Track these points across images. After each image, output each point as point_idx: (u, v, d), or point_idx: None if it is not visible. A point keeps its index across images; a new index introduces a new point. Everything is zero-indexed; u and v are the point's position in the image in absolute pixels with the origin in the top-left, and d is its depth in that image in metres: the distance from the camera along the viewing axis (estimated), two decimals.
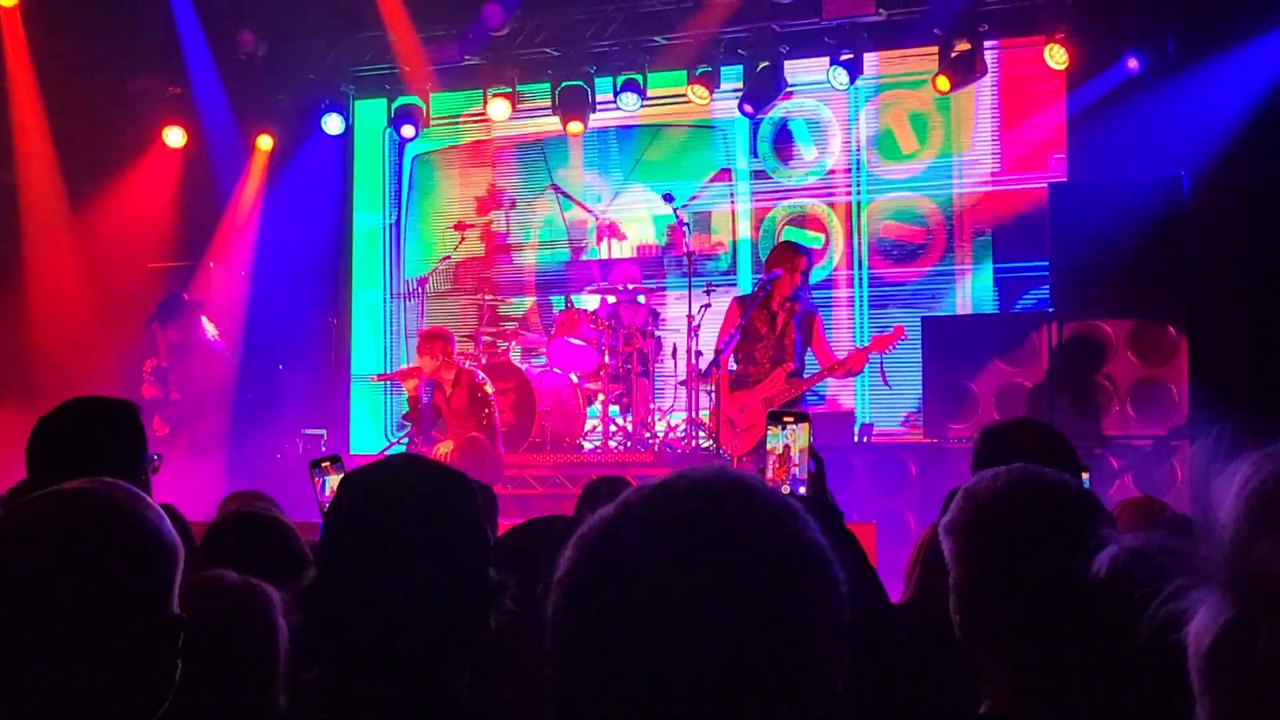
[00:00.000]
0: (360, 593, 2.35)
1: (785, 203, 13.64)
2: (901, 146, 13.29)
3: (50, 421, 3.85)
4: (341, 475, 4.07)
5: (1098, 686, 2.38)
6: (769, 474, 3.38)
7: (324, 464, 4.15)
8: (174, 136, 14.13)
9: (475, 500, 2.48)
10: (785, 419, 3.40)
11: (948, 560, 2.53)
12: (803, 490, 3.38)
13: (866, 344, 10.12)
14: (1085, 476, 4.40)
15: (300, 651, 2.50)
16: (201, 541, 4.01)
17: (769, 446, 3.38)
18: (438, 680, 2.36)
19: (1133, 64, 11.46)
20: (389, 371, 12.13)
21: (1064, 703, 2.39)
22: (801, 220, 13.59)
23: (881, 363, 10.33)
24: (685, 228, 12.33)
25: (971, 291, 12.84)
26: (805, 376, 10.12)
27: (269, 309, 14.23)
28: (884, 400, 12.50)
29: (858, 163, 13.41)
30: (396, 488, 2.44)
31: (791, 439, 3.37)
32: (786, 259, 10.02)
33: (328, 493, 4.19)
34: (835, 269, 13.38)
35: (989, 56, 12.39)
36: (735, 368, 10.20)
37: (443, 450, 11.01)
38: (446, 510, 2.43)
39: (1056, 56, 11.86)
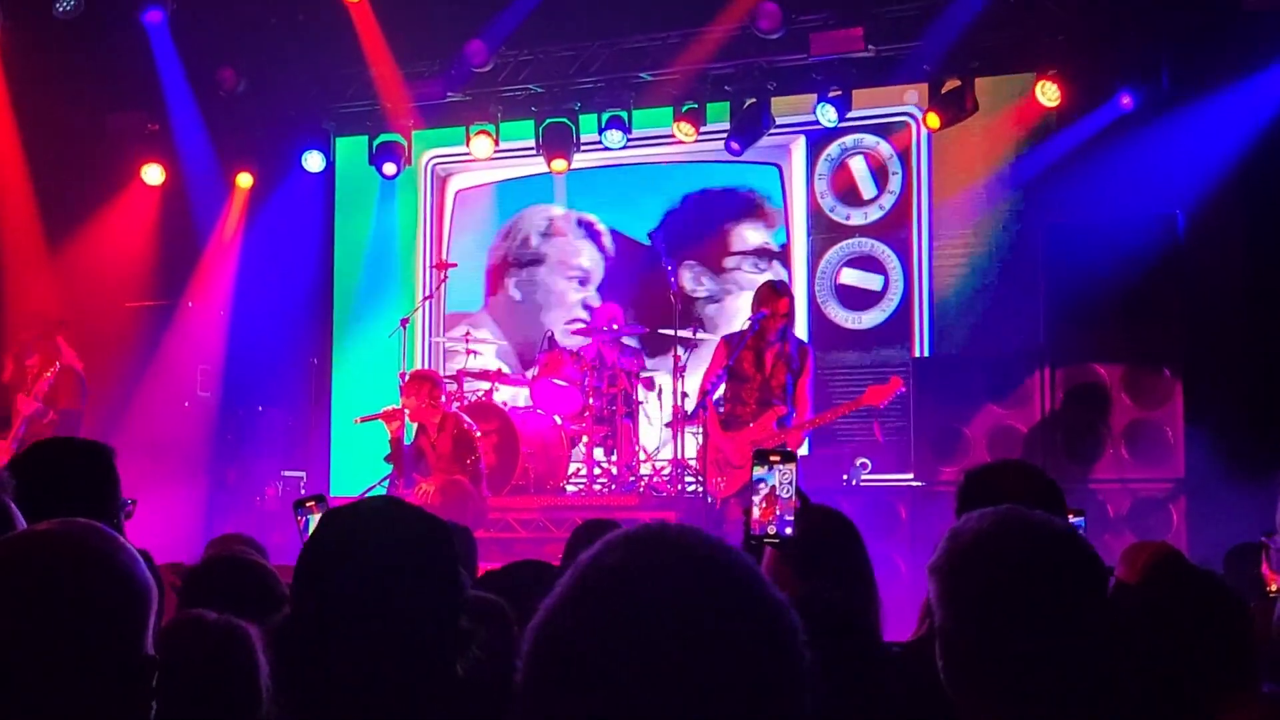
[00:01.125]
0: (330, 633, 2.35)
1: (844, 242, 13.57)
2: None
3: (21, 461, 3.85)
4: None
5: None
6: (756, 513, 3.37)
7: (308, 504, 4.16)
8: (153, 174, 14.11)
9: (451, 546, 2.47)
10: (771, 458, 3.39)
11: (932, 602, 2.50)
12: (789, 530, 3.36)
13: (861, 394, 10.06)
14: (1080, 519, 4.38)
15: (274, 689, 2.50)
16: (183, 585, 4.00)
17: (755, 485, 3.36)
18: (405, 712, 2.36)
19: (1126, 100, 11.47)
20: (371, 414, 12.04)
21: None
22: (861, 261, 13.55)
23: (876, 418, 10.30)
24: (670, 267, 12.31)
25: None
26: (795, 425, 10.05)
27: (249, 349, 14.25)
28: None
29: (920, 198, 13.32)
30: (373, 529, 2.44)
31: (778, 478, 3.36)
32: (770, 300, 10.00)
33: (310, 531, 4.19)
34: (896, 312, 13.31)
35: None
36: (723, 408, 10.17)
37: (425, 489, 10.97)
38: (422, 554, 2.43)
39: (1049, 93, 11.88)
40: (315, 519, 4.15)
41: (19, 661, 1.99)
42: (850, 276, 13.46)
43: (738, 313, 13.00)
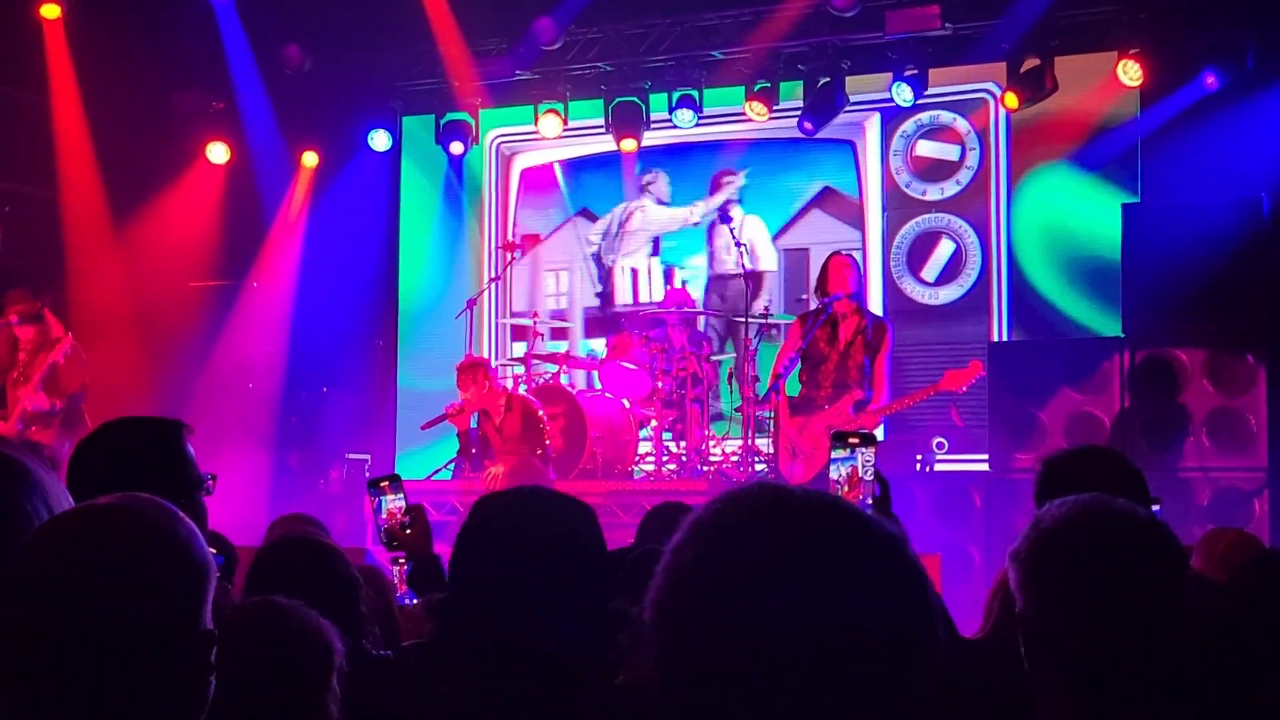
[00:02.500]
0: (494, 608, 2.53)
1: (920, 217, 13.54)
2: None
3: (89, 443, 3.84)
4: (400, 496, 4.19)
5: None
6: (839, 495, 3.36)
7: (382, 484, 4.20)
8: (218, 153, 14.23)
9: (598, 528, 2.65)
10: (850, 440, 3.39)
11: (1013, 590, 2.52)
12: None
13: (939, 380, 9.97)
14: (1156, 507, 4.35)
15: (436, 665, 2.72)
16: (250, 566, 4.03)
17: (833, 469, 3.36)
18: (568, 692, 2.52)
19: (1210, 80, 11.36)
20: (435, 417, 12.08)
21: None
22: (936, 235, 13.49)
23: (955, 401, 10.20)
24: (742, 247, 12.29)
25: None
26: (872, 410, 9.97)
27: (313, 330, 14.33)
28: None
29: (998, 175, 13.27)
30: (531, 513, 2.61)
31: (860, 461, 3.36)
32: (838, 273, 9.93)
33: (384, 514, 4.26)
34: (973, 288, 13.29)
35: None
36: (798, 391, 10.12)
37: (495, 473, 11.01)
38: (578, 537, 2.60)
39: (1130, 73, 11.78)
40: (389, 499, 4.21)
41: (78, 635, 2.03)
42: (922, 248, 13.44)
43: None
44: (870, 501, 3.36)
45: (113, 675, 2.03)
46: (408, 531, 4.26)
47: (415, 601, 4.47)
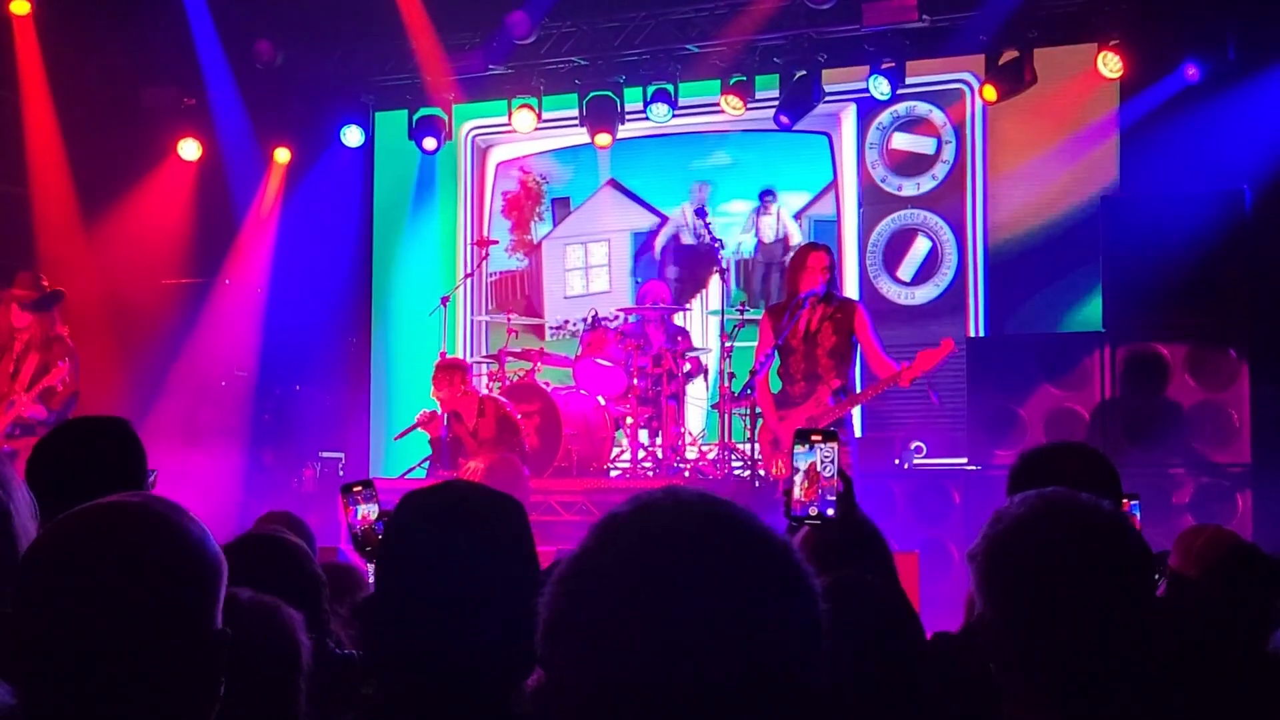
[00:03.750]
0: (416, 610, 2.49)
1: (896, 214, 13.53)
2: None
3: (45, 445, 3.93)
4: (373, 503, 4.22)
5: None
6: (797, 493, 3.36)
7: (355, 489, 4.21)
8: (189, 149, 14.16)
9: (528, 525, 2.62)
10: (813, 437, 3.40)
11: (973, 590, 2.48)
12: (830, 512, 3.36)
13: (913, 360, 9.92)
14: (1135, 504, 4.34)
15: (359, 667, 2.68)
16: None
17: (795, 465, 3.37)
18: (493, 696, 2.49)
19: (1191, 72, 11.37)
20: (407, 427, 12.06)
21: None
22: (911, 233, 13.49)
23: (929, 380, 10.14)
24: (719, 243, 12.28)
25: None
26: (851, 394, 9.89)
27: (286, 327, 14.30)
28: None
29: (975, 169, 13.27)
30: (457, 510, 2.58)
31: (819, 457, 3.36)
32: (815, 262, 9.82)
33: (359, 518, 4.27)
34: (950, 287, 13.29)
35: None
36: (779, 386, 10.08)
37: (473, 467, 10.98)
38: (504, 535, 2.56)
39: (1110, 64, 11.78)
40: (364, 508, 4.23)
41: (89, 634, 2.02)
42: (897, 248, 13.43)
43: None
44: (833, 498, 3.35)
45: (125, 675, 2.02)
46: (380, 537, 4.24)
47: None
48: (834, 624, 1.62)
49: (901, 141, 13.50)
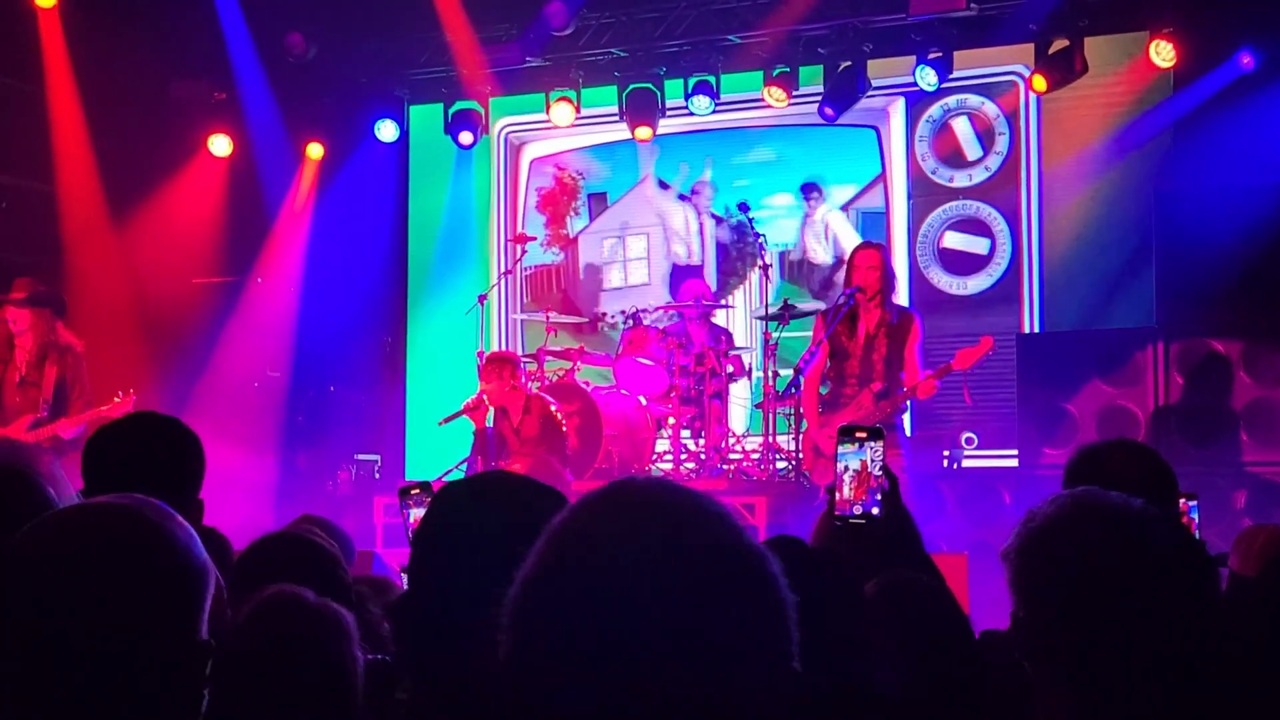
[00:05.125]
0: (450, 609, 2.41)
1: (947, 205, 13.58)
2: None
3: (101, 436, 3.95)
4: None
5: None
6: (844, 493, 3.39)
7: (413, 491, 4.21)
8: (220, 145, 14.21)
9: None
10: (858, 434, 3.41)
11: (1007, 588, 2.53)
12: (876, 511, 3.39)
13: (951, 360, 9.97)
14: (1193, 504, 4.37)
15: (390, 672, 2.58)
16: (236, 563, 4.04)
17: (840, 464, 3.39)
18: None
19: (1246, 60, 11.35)
20: (453, 412, 12.03)
21: None
22: (966, 224, 13.53)
23: (966, 379, 10.19)
24: (762, 238, 12.30)
25: None
26: (892, 398, 9.96)
27: (320, 327, 14.33)
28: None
29: (1029, 160, 13.28)
30: (490, 504, 2.49)
31: (869, 455, 3.38)
32: (862, 260, 9.95)
33: (412, 521, 4.24)
34: (1003, 278, 13.32)
35: None
36: (827, 388, 10.14)
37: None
38: (543, 525, 2.46)
39: (1163, 54, 11.76)
40: (416, 511, 4.18)
41: (63, 641, 1.99)
42: (954, 240, 13.46)
43: (835, 285, 13.03)
44: (879, 497, 3.39)
45: (100, 685, 2.00)
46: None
47: None
48: (895, 626, 1.63)
49: (949, 137, 13.51)
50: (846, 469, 3.40)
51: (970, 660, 3.01)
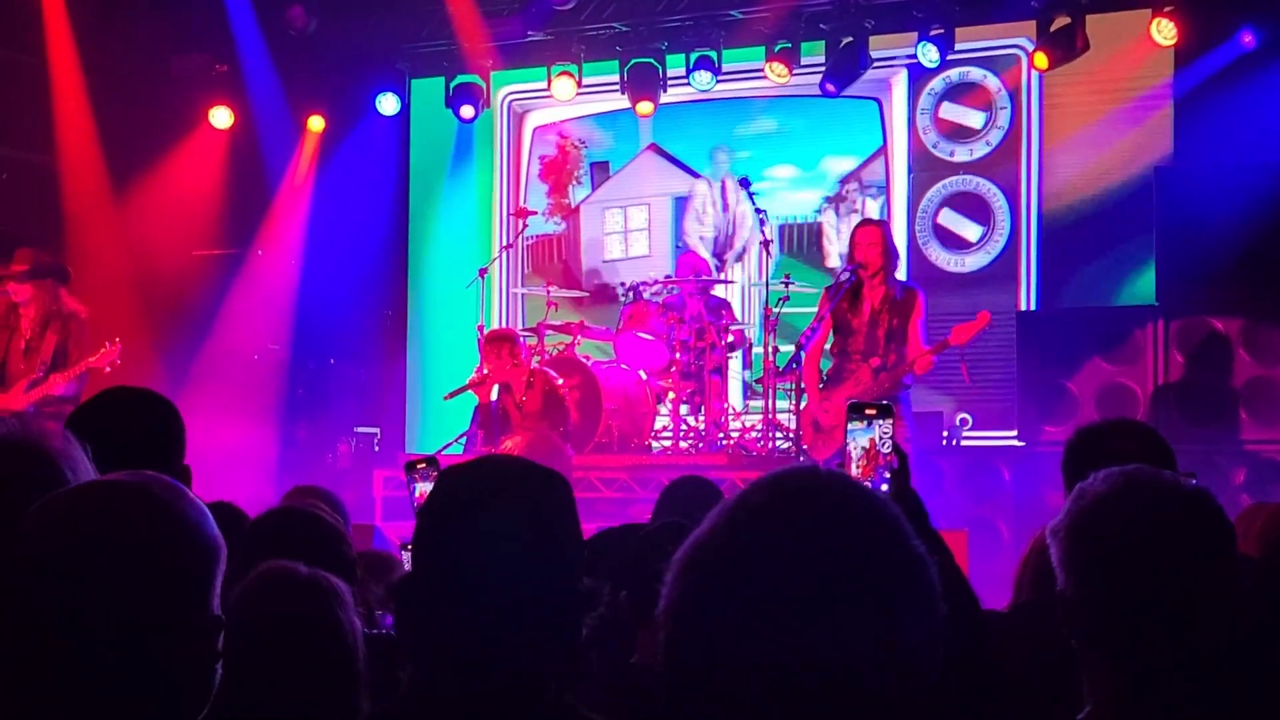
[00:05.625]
0: (452, 592, 2.43)
1: (945, 180, 13.54)
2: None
3: (82, 412, 3.89)
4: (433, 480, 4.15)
5: (1209, 699, 2.39)
6: (852, 470, 3.36)
7: (419, 466, 4.21)
8: (221, 117, 14.17)
9: (572, 503, 2.55)
10: (868, 411, 3.39)
11: (1055, 566, 2.53)
12: (885, 489, 3.37)
13: (947, 335, 9.97)
14: (1192, 482, 4.36)
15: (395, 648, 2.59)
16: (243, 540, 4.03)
17: (849, 441, 3.37)
18: (530, 681, 2.43)
19: (1248, 39, 11.32)
20: (458, 387, 12.02)
21: (1169, 713, 2.40)
22: (962, 200, 13.50)
23: (963, 355, 10.18)
24: (763, 214, 12.26)
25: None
26: (889, 370, 9.95)
27: (320, 300, 14.31)
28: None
29: (1029, 136, 13.25)
30: (495, 486, 2.51)
31: (878, 433, 3.37)
32: (863, 237, 9.95)
33: (418, 496, 4.21)
34: (1001, 255, 13.30)
35: None
36: (830, 364, 10.14)
37: (510, 445, 10.99)
38: (546, 511, 2.49)
39: (1164, 31, 11.72)
40: (421, 485, 4.14)
41: (75, 617, 2.01)
42: (948, 219, 13.41)
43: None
44: (888, 475, 3.37)
45: (111, 661, 2.01)
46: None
47: None
48: None
49: (950, 112, 13.48)
50: (855, 446, 3.38)
51: (981, 636, 3.02)
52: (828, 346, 10.15)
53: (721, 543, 1.61)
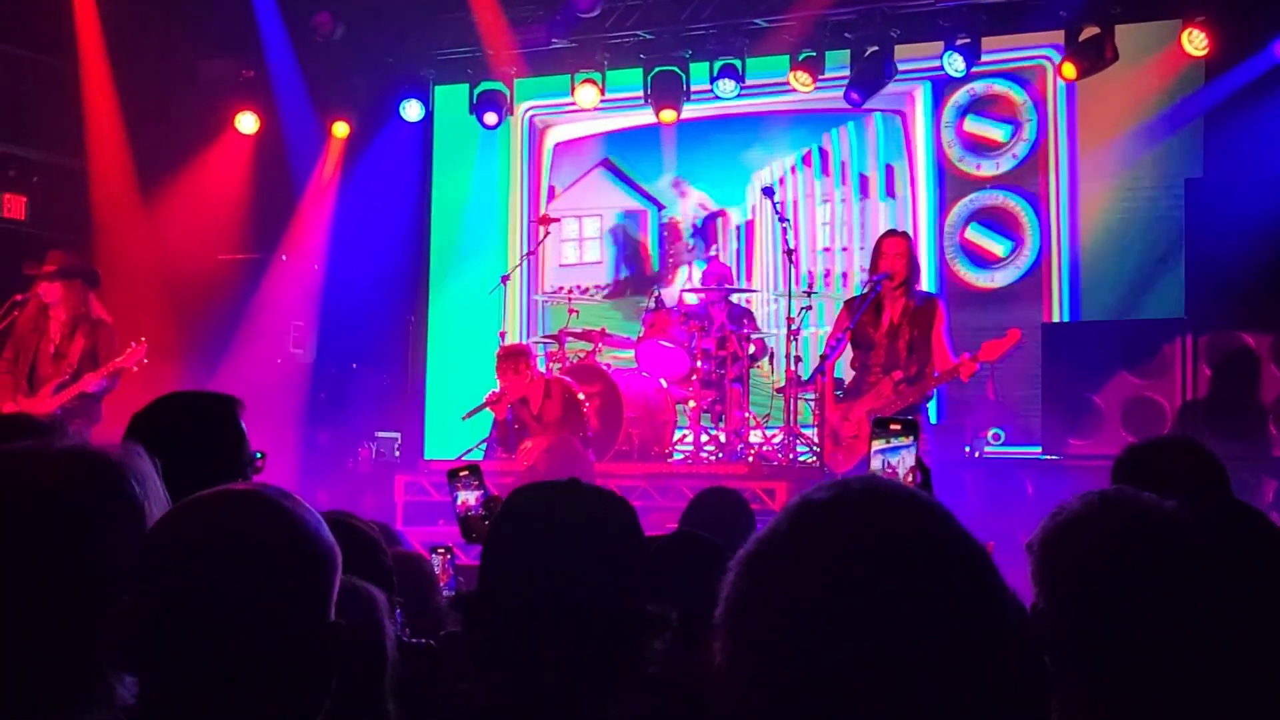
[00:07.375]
0: (521, 605, 2.50)
1: (971, 195, 13.27)
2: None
3: (145, 416, 3.87)
4: (478, 488, 4.38)
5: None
6: None
7: (461, 474, 4.27)
8: (247, 122, 14.10)
9: (638, 529, 2.63)
10: (892, 426, 3.30)
11: (1031, 581, 2.45)
12: None
13: (978, 350, 9.73)
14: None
15: (460, 661, 2.72)
16: None
17: (874, 458, 3.29)
18: (595, 696, 2.49)
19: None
20: (475, 407, 11.89)
21: None
22: (990, 215, 13.21)
23: (992, 372, 9.99)
24: (785, 224, 12.03)
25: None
26: (912, 385, 9.74)
27: (343, 305, 14.32)
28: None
29: (1057, 149, 12.97)
30: (566, 502, 2.59)
31: (901, 449, 3.28)
32: (890, 248, 9.74)
33: (460, 504, 4.41)
34: (1030, 271, 13.01)
35: None
36: (850, 377, 9.97)
37: (529, 446, 10.86)
38: (614, 530, 2.59)
39: (1196, 42, 11.46)
40: (463, 494, 4.41)
41: (201, 626, 2.02)
42: (975, 234, 13.13)
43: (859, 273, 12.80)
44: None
45: (241, 665, 2.03)
46: (486, 523, 4.25)
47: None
48: None
49: (974, 126, 13.21)
50: (879, 460, 3.28)
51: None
52: (845, 360, 9.97)
53: (788, 543, 1.63)
